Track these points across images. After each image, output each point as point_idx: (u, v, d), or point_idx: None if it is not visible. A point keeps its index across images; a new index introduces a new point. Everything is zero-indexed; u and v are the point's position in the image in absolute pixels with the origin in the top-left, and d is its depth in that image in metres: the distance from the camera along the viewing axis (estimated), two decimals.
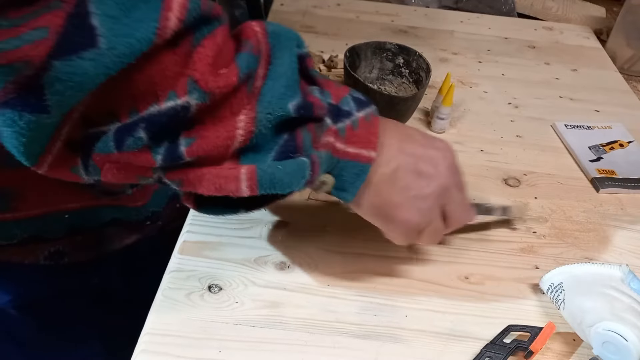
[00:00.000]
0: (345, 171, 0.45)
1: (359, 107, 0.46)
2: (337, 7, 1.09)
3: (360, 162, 0.45)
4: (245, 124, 0.38)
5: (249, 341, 0.50)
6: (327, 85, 0.46)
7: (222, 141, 0.38)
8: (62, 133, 0.36)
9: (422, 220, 0.49)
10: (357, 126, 0.45)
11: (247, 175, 0.39)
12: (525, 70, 0.95)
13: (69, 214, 0.59)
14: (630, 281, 0.52)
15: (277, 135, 0.41)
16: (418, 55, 0.77)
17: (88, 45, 0.32)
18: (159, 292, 0.54)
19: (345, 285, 0.56)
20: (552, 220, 0.66)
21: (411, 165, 0.48)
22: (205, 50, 0.36)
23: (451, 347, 0.52)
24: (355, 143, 0.45)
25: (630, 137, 0.80)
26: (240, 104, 0.38)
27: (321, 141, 0.43)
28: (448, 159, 0.50)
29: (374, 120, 0.46)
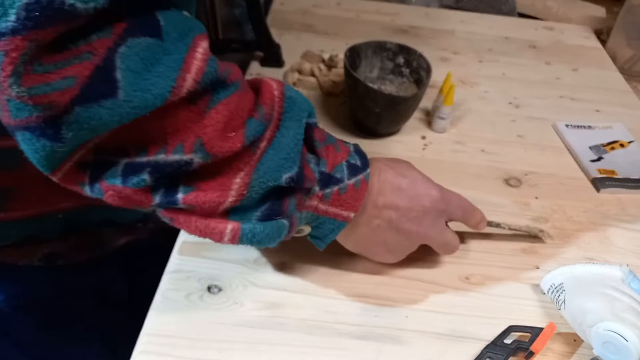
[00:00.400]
0: (322, 226, 0.50)
1: (352, 174, 0.49)
2: (337, 7, 1.08)
3: (337, 219, 0.49)
4: (239, 187, 0.42)
5: (249, 342, 0.50)
6: (327, 153, 0.48)
7: (215, 198, 0.42)
8: (75, 156, 0.39)
9: (399, 258, 0.56)
10: (344, 192, 0.48)
11: (231, 232, 0.44)
12: (525, 70, 0.95)
13: (63, 214, 0.60)
14: (631, 281, 0.52)
15: (266, 199, 0.44)
16: (419, 54, 0.77)
17: (108, 95, 0.35)
18: (159, 292, 0.54)
19: (345, 285, 0.56)
20: (552, 220, 0.66)
21: (392, 223, 0.52)
22: (218, 116, 0.39)
23: (452, 348, 0.52)
24: (338, 206, 0.49)
25: (630, 137, 0.80)
26: (238, 168, 0.42)
27: (305, 204, 0.47)
28: (430, 214, 0.53)
29: (362, 187, 0.49)
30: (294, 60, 0.89)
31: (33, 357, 0.75)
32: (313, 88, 0.84)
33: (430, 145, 0.76)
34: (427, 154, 0.74)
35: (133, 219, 0.66)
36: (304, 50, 0.91)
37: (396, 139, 0.76)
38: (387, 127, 0.76)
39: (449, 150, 0.75)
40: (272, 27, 0.94)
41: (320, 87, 0.84)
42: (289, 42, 0.93)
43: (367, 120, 0.74)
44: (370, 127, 0.75)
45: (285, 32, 0.97)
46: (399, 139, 0.76)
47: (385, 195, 0.51)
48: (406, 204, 0.52)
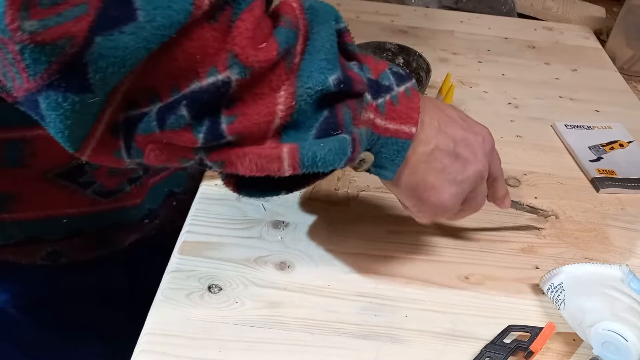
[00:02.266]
0: (385, 148, 0.45)
1: (399, 82, 0.45)
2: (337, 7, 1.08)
3: (401, 138, 0.44)
4: (285, 100, 0.38)
5: (249, 341, 0.50)
6: (366, 60, 0.45)
7: (263, 118, 0.38)
8: (105, 115, 0.36)
9: (454, 204, 0.49)
10: (397, 101, 0.44)
11: (289, 155, 0.39)
12: (525, 70, 0.95)
13: (68, 219, 0.59)
14: (630, 281, 0.52)
15: (318, 111, 0.40)
16: (418, 55, 0.77)
17: (128, 19, 0.32)
18: (159, 292, 0.54)
19: (345, 285, 0.56)
20: (552, 220, 0.66)
21: (450, 147, 0.47)
22: (245, 24, 0.36)
23: (451, 347, 0.52)
24: (396, 119, 0.44)
25: (630, 137, 0.80)
26: (279, 80, 0.38)
27: (361, 118, 0.42)
28: (487, 145, 0.50)
29: (415, 96, 0.45)
30: None
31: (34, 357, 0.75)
32: None
33: None
34: None
35: (140, 216, 0.66)
36: None
37: None
38: None
39: None
40: None
41: None
42: None
43: None
44: None
45: None
46: None
47: (440, 118, 0.47)
48: (462, 130, 0.48)
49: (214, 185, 0.66)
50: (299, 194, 0.65)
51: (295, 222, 0.62)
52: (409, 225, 0.63)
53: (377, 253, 0.60)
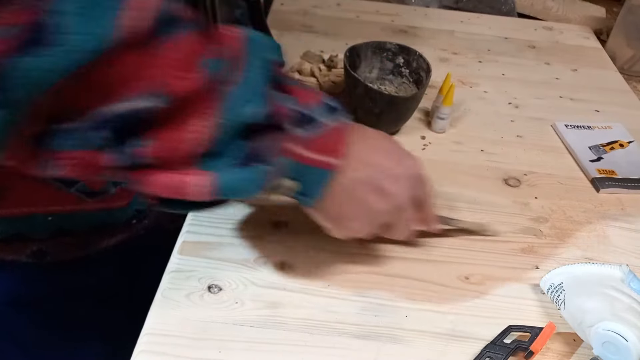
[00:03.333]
0: (307, 177, 0.46)
1: (328, 115, 0.46)
2: (337, 7, 1.09)
3: (323, 168, 0.46)
4: (207, 129, 0.39)
5: (249, 341, 0.50)
6: (298, 92, 0.46)
7: (182, 144, 0.39)
8: (21, 129, 0.36)
9: (370, 232, 0.51)
10: (323, 134, 0.45)
11: (206, 182, 0.40)
12: (525, 70, 0.95)
13: (53, 217, 0.59)
14: (630, 281, 0.52)
15: (239, 142, 0.41)
16: (418, 55, 0.77)
17: (47, 44, 0.32)
18: (159, 292, 0.54)
19: (345, 285, 0.56)
20: (552, 220, 0.66)
21: (373, 180, 0.48)
22: (172, 53, 0.36)
23: (451, 348, 0.52)
24: (320, 150, 0.45)
25: (630, 137, 0.80)
26: (202, 109, 0.38)
27: (282, 148, 0.44)
28: (412, 180, 0.51)
29: (343, 129, 0.46)
30: (294, 61, 0.89)
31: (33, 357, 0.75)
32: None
33: (429, 145, 0.76)
34: (427, 154, 0.74)
35: (127, 217, 0.65)
36: (304, 50, 0.91)
37: (396, 139, 0.76)
38: (387, 127, 0.76)
39: (448, 151, 0.75)
40: (272, 27, 0.94)
41: (320, 87, 0.85)
42: (289, 42, 0.93)
43: (366, 120, 0.74)
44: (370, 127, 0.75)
45: (285, 32, 0.98)
46: (399, 139, 0.75)
47: (367, 150, 0.49)
48: (388, 163, 0.49)
49: None
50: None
51: (295, 222, 0.62)
52: None
53: (377, 253, 0.60)
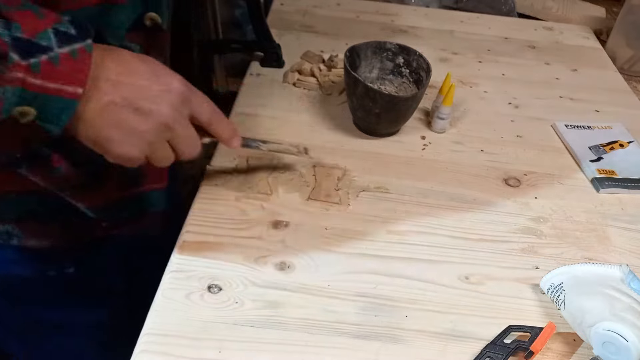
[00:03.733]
0: (47, 105, 0.44)
1: (63, 43, 0.44)
2: (337, 7, 1.09)
3: (64, 97, 0.44)
4: None
5: (249, 341, 0.50)
6: (22, 18, 0.43)
7: None
8: None
9: (139, 154, 0.50)
10: (57, 62, 0.44)
11: None
12: (525, 70, 0.95)
13: (17, 195, 0.59)
14: (631, 281, 0.52)
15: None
16: (418, 55, 0.77)
17: None
18: (159, 292, 0.54)
19: (345, 285, 0.56)
20: (552, 220, 0.66)
21: (127, 101, 0.47)
22: None
23: (451, 348, 0.52)
24: (56, 79, 0.44)
25: (630, 137, 0.80)
26: None
27: (5, 77, 0.42)
28: (173, 95, 0.49)
29: (83, 56, 0.45)
30: (294, 61, 0.89)
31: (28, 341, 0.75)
32: (313, 88, 0.85)
33: (429, 145, 0.76)
34: (427, 154, 0.74)
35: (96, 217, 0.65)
36: (304, 50, 0.91)
37: (396, 139, 0.76)
38: (387, 127, 0.76)
39: (448, 150, 0.75)
40: (272, 27, 0.94)
41: (320, 87, 0.85)
42: (289, 42, 0.93)
43: (367, 120, 0.74)
44: (370, 127, 0.75)
45: (285, 32, 0.98)
46: (399, 139, 0.76)
47: (120, 73, 0.47)
48: (145, 82, 0.48)
49: (214, 185, 0.66)
50: (299, 194, 0.65)
51: (295, 222, 0.62)
52: (409, 225, 0.63)
53: (377, 253, 0.60)
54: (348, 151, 0.73)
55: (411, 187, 0.68)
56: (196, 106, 0.52)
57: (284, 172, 0.68)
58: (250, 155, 0.70)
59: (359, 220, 0.63)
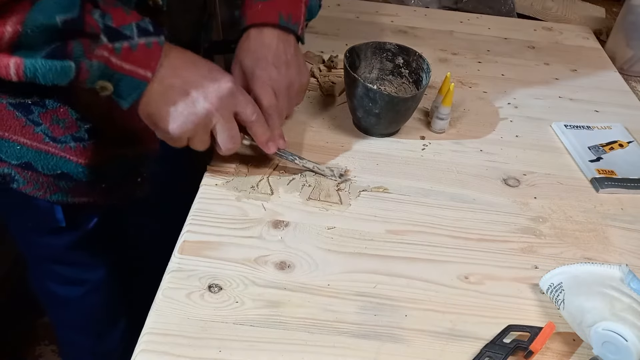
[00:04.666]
0: (122, 82, 0.54)
1: (143, 35, 0.54)
2: (337, 8, 1.09)
3: (136, 78, 0.54)
4: (13, 24, 0.47)
5: (249, 341, 0.51)
6: (114, 11, 0.54)
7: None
8: None
9: (182, 134, 0.58)
10: (136, 49, 0.54)
11: (14, 64, 0.49)
12: (524, 70, 0.95)
13: (21, 147, 0.64)
14: (630, 281, 0.53)
15: (49, 41, 0.49)
16: (418, 55, 0.77)
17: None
18: (159, 291, 0.54)
19: (345, 285, 0.56)
20: (552, 220, 0.66)
21: (183, 87, 0.57)
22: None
23: (451, 347, 0.52)
24: (132, 62, 0.54)
25: (630, 137, 0.80)
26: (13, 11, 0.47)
27: (95, 53, 0.52)
28: (222, 92, 0.58)
29: (156, 48, 0.55)
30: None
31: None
32: (313, 88, 0.85)
33: (429, 145, 0.76)
34: (427, 154, 0.74)
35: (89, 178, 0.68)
36: (304, 50, 0.91)
37: (395, 139, 0.76)
38: (387, 128, 0.76)
39: (448, 151, 0.75)
40: None
41: (320, 88, 0.85)
42: None
43: (366, 120, 0.74)
44: (370, 127, 0.76)
45: None
46: (399, 139, 0.76)
47: (182, 65, 0.58)
48: (200, 75, 0.58)
49: (214, 185, 0.66)
50: (299, 194, 0.66)
51: (295, 222, 0.62)
52: (409, 225, 0.64)
53: (377, 253, 0.60)
54: (348, 151, 0.73)
55: (411, 187, 0.68)
56: (241, 105, 0.60)
57: (284, 173, 0.68)
58: (251, 155, 0.70)
59: (359, 220, 0.63)
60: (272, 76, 0.66)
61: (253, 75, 0.66)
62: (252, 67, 0.67)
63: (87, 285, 0.85)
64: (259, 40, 0.68)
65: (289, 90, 0.69)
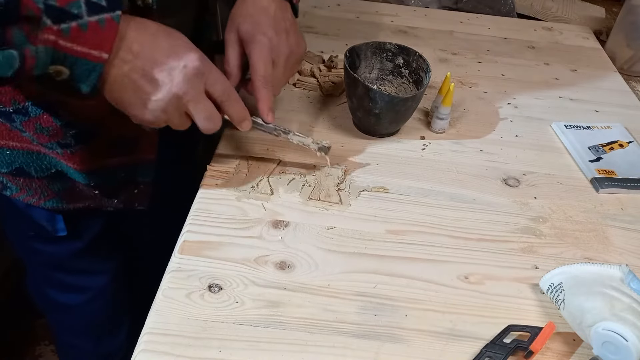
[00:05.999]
0: (76, 66, 0.49)
1: (93, 12, 0.49)
2: (337, 8, 1.09)
3: (91, 60, 0.49)
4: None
5: (249, 341, 0.51)
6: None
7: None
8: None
9: (155, 119, 0.54)
10: (86, 29, 0.48)
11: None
12: (524, 70, 0.95)
13: (10, 152, 0.62)
14: (630, 281, 0.53)
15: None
16: (418, 55, 0.77)
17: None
18: (159, 292, 0.54)
19: (345, 285, 0.56)
20: (552, 220, 0.66)
21: (145, 70, 0.52)
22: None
23: (451, 347, 0.52)
24: (84, 43, 0.48)
25: (630, 137, 0.80)
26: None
27: (39, 37, 0.46)
28: (188, 70, 0.53)
29: (110, 26, 0.49)
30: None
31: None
32: (313, 88, 0.85)
33: (429, 145, 0.76)
34: (426, 154, 0.74)
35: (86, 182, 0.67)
36: None
37: (395, 139, 0.76)
38: (387, 128, 0.76)
39: (448, 151, 0.75)
40: None
41: (320, 88, 0.85)
42: None
43: (366, 120, 0.74)
44: (370, 127, 0.76)
45: None
46: (399, 139, 0.76)
47: (142, 44, 0.52)
48: (163, 55, 0.53)
49: (214, 185, 0.66)
50: (299, 194, 0.65)
51: (295, 222, 0.62)
52: (409, 225, 0.64)
53: (377, 253, 0.60)
54: (348, 151, 0.73)
55: (411, 187, 0.68)
56: (211, 82, 0.56)
57: (284, 172, 0.68)
58: (251, 155, 0.70)
59: (359, 220, 0.63)
60: (273, 42, 0.64)
61: (253, 40, 0.63)
62: (251, 32, 0.64)
63: (89, 292, 0.83)
64: (257, 4, 0.65)
65: (287, 60, 0.66)
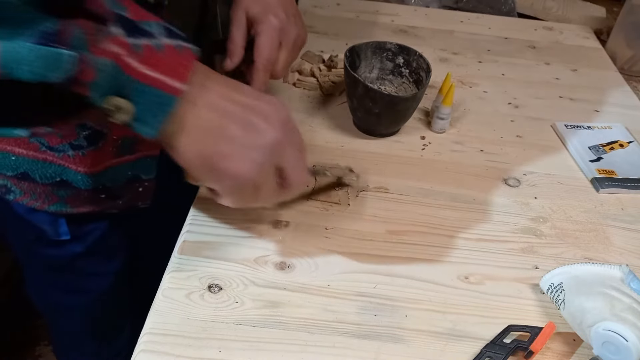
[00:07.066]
0: (143, 97, 0.40)
1: (169, 36, 0.42)
2: (337, 7, 1.09)
3: (163, 90, 0.40)
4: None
5: (249, 341, 0.51)
6: (130, 5, 0.41)
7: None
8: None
9: (256, 175, 0.45)
10: (162, 50, 0.40)
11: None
12: (525, 70, 0.95)
13: (16, 158, 0.60)
14: (630, 281, 0.52)
15: (38, 17, 0.36)
16: (418, 55, 0.77)
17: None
18: (159, 292, 0.54)
19: (345, 285, 0.56)
20: (552, 220, 0.66)
21: (240, 114, 0.44)
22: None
23: (451, 347, 0.52)
24: (157, 67, 0.39)
25: (630, 137, 0.80)
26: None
27: (101, 47, 0.38)
28: (282, 115, 0.46)
29: (187, 54, 0.42)
30: (294, 61, 0.89)
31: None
32: (313, 88, 0.85)
33: (429, 145, 0.76)
34: (427, 154, 0.74)
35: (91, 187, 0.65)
36: (304, 50, 0.91)
37: (396, 139, 0.76)
38: (387, 127, 0.76)
39: (448, 151, 0.75)
40: None
41: (320, 88, 0.85)
42: None
43: (367, 120, 0.74)
44: (370, 127, 0.75)
45: None
46: (399, 139, 0.76)
47: (221, 84, 0.44)
48: (252, 99, 0.45)
49: None
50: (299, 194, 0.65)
51: (295, 222, 0.62)
52: (409, 225, 0.64)
53: (377, 253, 0.60)
54: (348, 151, 0.73)
55: (411, 187, 0.68)
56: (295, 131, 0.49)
57: None
58: None
59: (359, 220, 0.63)
60: (284, 25, 0.62)
61: (263, 20, 0.61)
62: (262, 13, 0.62)
63: (91, 294, 0.82)
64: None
65: (295, 43, 0.65)
